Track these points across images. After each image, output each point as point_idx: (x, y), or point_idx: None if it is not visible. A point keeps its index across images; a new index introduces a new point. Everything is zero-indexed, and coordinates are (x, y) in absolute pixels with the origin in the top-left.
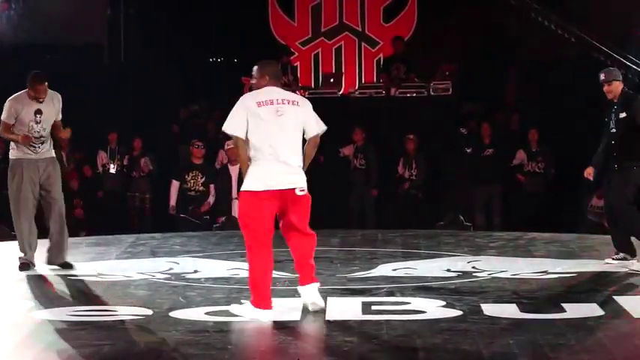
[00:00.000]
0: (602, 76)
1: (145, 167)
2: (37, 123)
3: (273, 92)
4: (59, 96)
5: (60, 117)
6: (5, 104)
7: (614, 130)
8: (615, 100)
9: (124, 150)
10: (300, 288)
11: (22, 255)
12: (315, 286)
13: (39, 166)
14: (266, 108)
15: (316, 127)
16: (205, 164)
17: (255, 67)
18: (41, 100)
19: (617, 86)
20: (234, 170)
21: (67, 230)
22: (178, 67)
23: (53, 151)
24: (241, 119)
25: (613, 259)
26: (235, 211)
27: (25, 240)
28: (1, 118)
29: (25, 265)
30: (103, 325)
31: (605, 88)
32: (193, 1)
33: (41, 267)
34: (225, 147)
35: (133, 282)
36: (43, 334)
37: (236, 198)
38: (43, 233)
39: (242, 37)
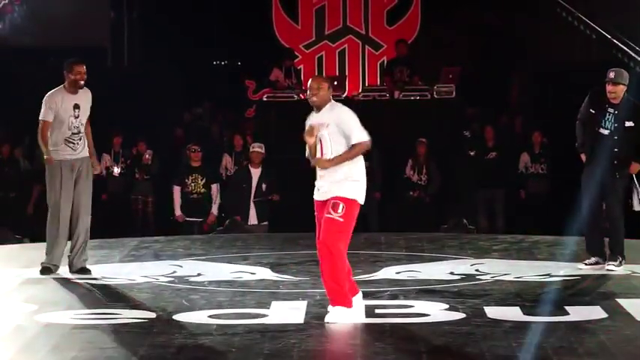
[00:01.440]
0: (610, 75)
1: (148, 160)
2: (75, 117)
3: None
4: (89, 90)
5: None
6: (43, 102)
7: (607, 132)
8: (616, 103)
9: (127, 153)
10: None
11: (45, 259)
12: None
13: (75, 166)
14: None
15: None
16: (204, 166)
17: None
18: (83, 82)
19: (622, 90)
20: (255, 173)
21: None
22: (182, 70)
23: (87, 150)
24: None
25: (586, 263)
26: (253, 216)
27: (53, 244)
28: (40, 117)
29: (47, 269)
30: (107, 328)
31: (610, 87)
32: (196, 4)
33: (64, 271)
34: (251, 149)
35: (137, 285)
36: (46, 337)
37: (254, 201)
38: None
39: (245, 40)
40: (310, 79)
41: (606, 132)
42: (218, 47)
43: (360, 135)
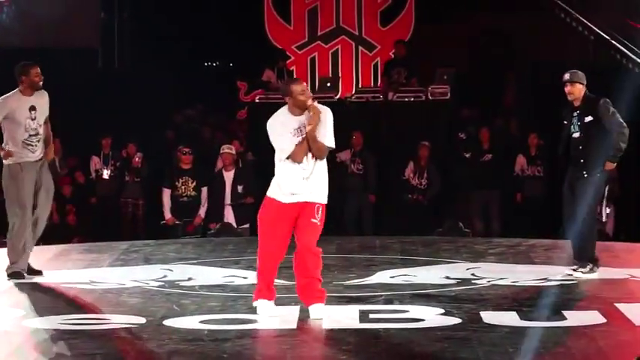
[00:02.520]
0: (566, 76)
1: (138, 163)
2: (32, 119)
3: None
4: (45, 92)
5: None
6: None
7: (577, 135)
8: (577, 104)
9: (117, 155)
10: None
11: (12, 263)
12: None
13: (34, 168)
14: None
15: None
16: (195, 169)
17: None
18: (39, 85)
19: (580, 90)
20: (228, 176)
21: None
22: (173, 72)
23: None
24: None
25: (583, 272)
26: (228, 218)
27: (19, 248)
28: None
29: (17, 274)
30: (96, 333)
31: (568, 88)
32: (188, 4)
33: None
34: (221, 151)
35: (126, 290)
36: (34, 343)
37: (229, 204)
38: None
39: (237, 40)
40: (298, 82)
41: (576, 134)
42: (209, 48)
43: (331, 142)
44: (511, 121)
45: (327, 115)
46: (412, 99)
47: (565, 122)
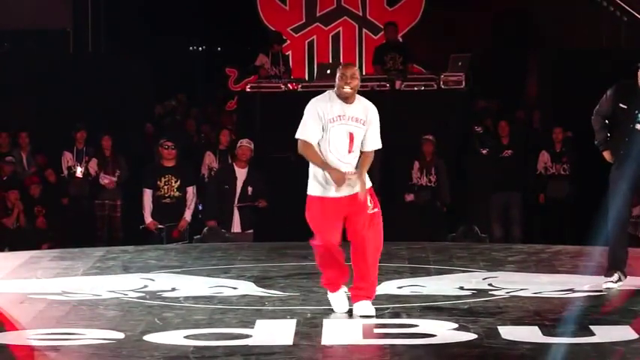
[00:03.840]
0: None
1: (109, 184)
2: None
3: None
4: None
5: None
6: None
7: None
8: None
9: (91, 151)
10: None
11: None
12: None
13: None
14: None
15: None
16: (179, 166)
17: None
18: None
19: None
20: (241, 174)
21: None
22: (153, 57)
23: None
24: None
25: (609, 281)
26: (237, 223)
27: None
28: None
29: None
30: (69, 350)
31: None
32: None
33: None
34: (238, 144)
35: (103, 301)
36: None
37: (238, 206)
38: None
39: (226, 22)
40: (342, 66)
41: None
42: (195, 31)
43: (379, 142)
44: (533, 113)
45: (374, 116)
46: (422, 88)
47: (624, 107)
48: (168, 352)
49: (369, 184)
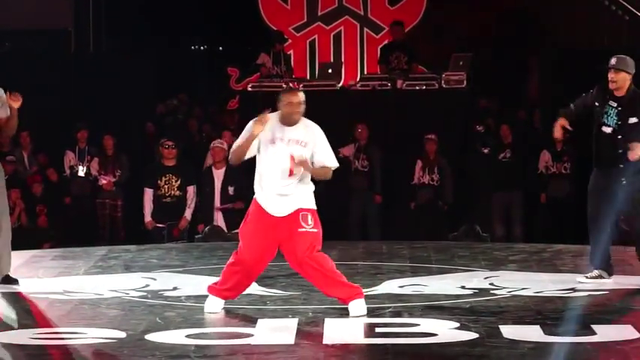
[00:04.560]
0: (612, 61)
1: (107, 185)
2: None
3: None
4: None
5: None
6: None
7: (609, 130)
8: (620, 94)
9: (93, 150)
10: None
11: None
12: None
13: None
14: None
15: None
16: (179, 165)
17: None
18: None
19: (625, 79)
20: (218, 175)
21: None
22: (155, 57)
23: None
24: None
25: (587, 277)
26: (218, 221)
27: None
28: None
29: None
30: (70, 349)
31: (611, 75)
32: None
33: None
34: (211, 146)
35: (104, 300)
36: None
37: (219, 208)
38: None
39: (228, 21)
40: (287, 92)
41: (608, 130)
42: (196, 30)
43: (334, 161)
44: (534, 112)
45: (320, 136)
46: (424, 87)
47: (596, 104)
48: (169, 351)
49: (309, 170)
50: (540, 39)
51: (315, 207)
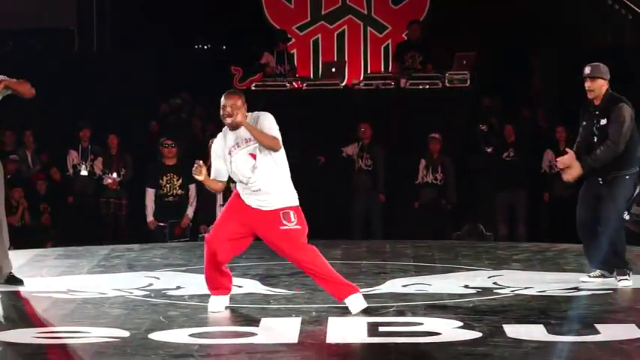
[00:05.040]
0: (586, 70)
1: (112, 184)
2: None
3: None
4: None
5: None
6: None
7: (595, 140)
8: (597, 103)
9: (97, 149)
10: None
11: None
12: None
13: None
14: None
15: None
16: (180, 164)
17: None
18: None
19: (602, 85)
20: None
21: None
22: (158, 55)
23: None
24: None
25: (590, 276)
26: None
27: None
28: None
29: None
30: (74, 348)
31: (587, 84)
32: None
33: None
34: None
35: (108, 300)
36: (5, 359)
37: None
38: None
39: (231, 21)
40: (224, 96)
41: (596, 139)
42: (200, 29)
43: (276, 132)
44: (538, 111)
45: (260, 117)
46: (427, 86)
47: (584, 123)
48: (173, 350)
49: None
50: (543, 38)
51: (297, 203)
